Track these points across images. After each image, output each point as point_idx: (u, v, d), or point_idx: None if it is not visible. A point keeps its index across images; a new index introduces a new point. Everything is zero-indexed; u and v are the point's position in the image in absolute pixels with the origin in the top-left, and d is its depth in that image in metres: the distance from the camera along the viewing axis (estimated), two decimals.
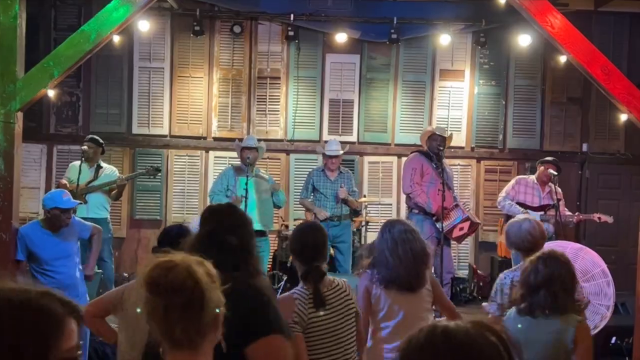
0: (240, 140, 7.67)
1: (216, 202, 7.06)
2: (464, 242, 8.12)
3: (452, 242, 7.38)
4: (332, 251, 7.40)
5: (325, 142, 8.31)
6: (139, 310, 2.10)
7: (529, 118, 9.53)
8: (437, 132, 7.27)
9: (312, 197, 7.68)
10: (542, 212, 7.33)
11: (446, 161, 7.60)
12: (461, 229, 6.93)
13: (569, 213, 7.58)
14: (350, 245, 7.63)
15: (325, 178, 7.59)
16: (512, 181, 7.70)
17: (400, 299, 3.71)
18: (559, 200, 7.16)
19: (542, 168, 7.49)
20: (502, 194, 7.58)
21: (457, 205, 6.99)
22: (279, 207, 7.74)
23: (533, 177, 7.58)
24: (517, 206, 7.34)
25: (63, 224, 5.18)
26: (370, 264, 3.83)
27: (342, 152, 7.62)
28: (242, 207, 6.83)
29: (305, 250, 3.34)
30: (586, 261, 4.71)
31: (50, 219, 5.16)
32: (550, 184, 7.31)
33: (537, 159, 7.97)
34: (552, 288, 3.20)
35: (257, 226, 6.73)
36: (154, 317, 1.78)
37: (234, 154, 9.22)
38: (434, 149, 7.11)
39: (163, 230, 3.74)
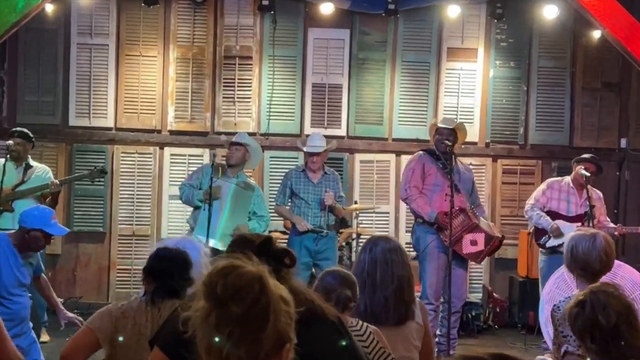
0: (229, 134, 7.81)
1: (185, 195, 7.19)
2: None
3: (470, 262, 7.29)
4: (313, 270, 7.37)
5: (307, 136, 8.28)
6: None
7: (556, 107, 9.57)
8: (440, 125, 7.20)
9: (290, 203, 7.61)
10: (579, 224, 7.17)
11: (462, 160, 7.55)
12: (473, 242, 6.81)
13: (612, 225, 7.51)
14: (336, 263, 7.56)
15: (306, 180, 7.52)
16: (543, 185, 7.62)
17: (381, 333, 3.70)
18: (592, 207, 7.11)
19: (577, 168, 7.40)
20: (531, 200, 7.50)
21: (462, 210, 6.85)
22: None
23: (568, 180, 7.47)
24: (547, 217, 7.28)
25: (36, 250, 5.14)
26: None
27: (326, 148, 7.58)
28: (204, 214, 6.82)
29: None
30: (625, 281, 4.72)
31: (25, 240, 5.03)
32: (588, 186, 7.23)
33: (565, 157, 7.98)
34: (635, 326, 2.99)
35: (219, 244, 6.68)
36: (203, 330, 1.72)
37: (195, 152, 9.24)
38: (440, 144, 7.05)
39: (157, 255, 3.63)
